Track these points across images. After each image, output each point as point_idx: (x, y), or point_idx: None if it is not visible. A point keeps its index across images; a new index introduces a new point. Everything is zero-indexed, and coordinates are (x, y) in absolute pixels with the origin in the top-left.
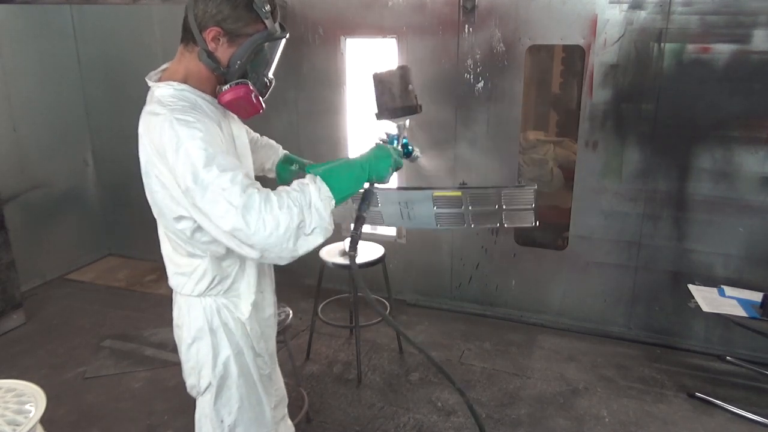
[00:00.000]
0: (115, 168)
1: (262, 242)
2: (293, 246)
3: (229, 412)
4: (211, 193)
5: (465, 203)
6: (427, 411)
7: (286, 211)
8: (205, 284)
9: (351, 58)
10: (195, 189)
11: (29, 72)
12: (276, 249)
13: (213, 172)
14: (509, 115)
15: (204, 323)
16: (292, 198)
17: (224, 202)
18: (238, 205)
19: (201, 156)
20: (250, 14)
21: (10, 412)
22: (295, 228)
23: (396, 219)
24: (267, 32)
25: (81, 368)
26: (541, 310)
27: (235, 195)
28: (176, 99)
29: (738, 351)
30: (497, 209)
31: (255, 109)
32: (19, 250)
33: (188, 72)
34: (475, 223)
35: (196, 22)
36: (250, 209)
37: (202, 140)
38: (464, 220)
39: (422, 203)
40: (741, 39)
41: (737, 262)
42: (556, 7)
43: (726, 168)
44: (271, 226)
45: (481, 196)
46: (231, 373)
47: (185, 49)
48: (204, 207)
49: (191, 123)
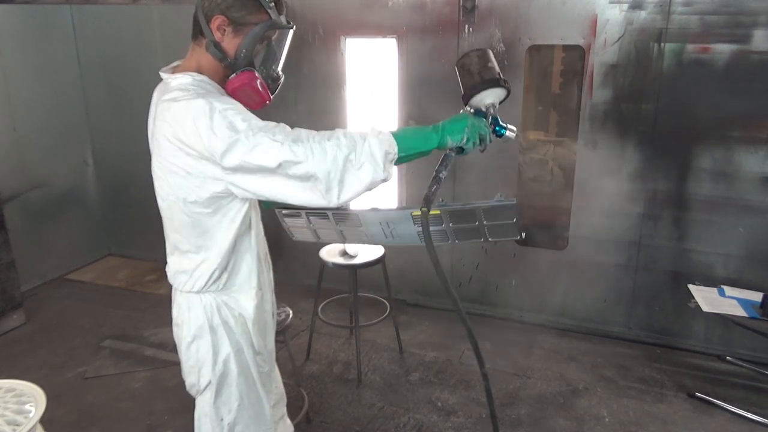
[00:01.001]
0: (115, 168)
1: (311, 169)
2: (341, 177)
3: (229, 410)
4: (253, 137)
5: (445, 221)
6: (427, 411)
7: (335, 141)
8: (205, 279)
9: (351, 58)
10: (238, 139)
11: (29, 72)
12: (324, 180)
13: (252, 122)
14: (509, 115)
15: (204, 321)
16: (346, 133)
17: (268, 140)
18: (284, 141)
19: (236, 115)
20: (254, 3)
21: (10, 412)
22: (344, 158)
23: (380, 238)
24: (271, 22)
25: (81, 368)
26: (541, 310)
27: (278, 132)
28: (197, 87)
29: (738, 351)
30: (478, 225)
31: (261, 97)
32: (19, 250)
33: (199, 66)
34: (459, 238)
35: (203, 12)
36: (297, 141)
37: (233, 105)
38: (447, 236)
39: (403, 223)
40: (741, 39)
41: (737, 262)
42: (556, 7)
43: (726, 168)
44: (319, 155)
45: (461, 213)
46: (231, 371)
47: (195, 43)
48: (248, 153)
49: (221, 98)
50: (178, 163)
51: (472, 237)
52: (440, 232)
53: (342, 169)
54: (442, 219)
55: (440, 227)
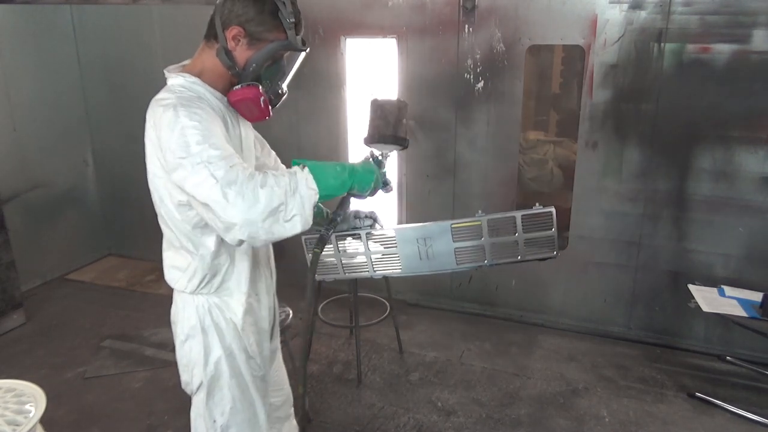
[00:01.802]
0: (115, 168)
1: (238, 217)
2: (269, 227)
3: (222, 413)
4: (197, 164)
5: (485, 233)
6: (427, 411)
7: (268, 190)
8: (197, 281)
9: (351, 58)
10: (183, 163)
11: (29, 72)
12: (250, 227)
13: (205, 147)
14: (509, 115)
15: (196, 321)
16: (278, 180)
17: (206, 173)
18: (219, 178)
19: (196, 134)
20: (274, 21)
21: (10, 412)
22: (274, 209)
23: (413, 261)
24: (287, 42)
25: (81, 368)
26: (541, 310)
27: (219, 168)
28: (185, 89)
29: (738, 351)
30: (517, 238)
31: (261, 113)
32: (19, 250)
33: (204, 67)
34: (494, 257)
35: (221, 19)
36: (232, 183)
37: (200, 123)
38: (484, 255)
39: (441, 238)
40: (741, 39)
41: (737, 262)
42: (556, 7)
43: (726, 168)
44: (250, 201)
45: (499, 222)
46: (222, 373)
47: (206, 45)
48: (188, 177)
49: (193, 109)
50: (154, 164)
51: (506, 256)
52: (476, 249)
53: (272, 219)
54: (481, 231)
55: (478, 242)
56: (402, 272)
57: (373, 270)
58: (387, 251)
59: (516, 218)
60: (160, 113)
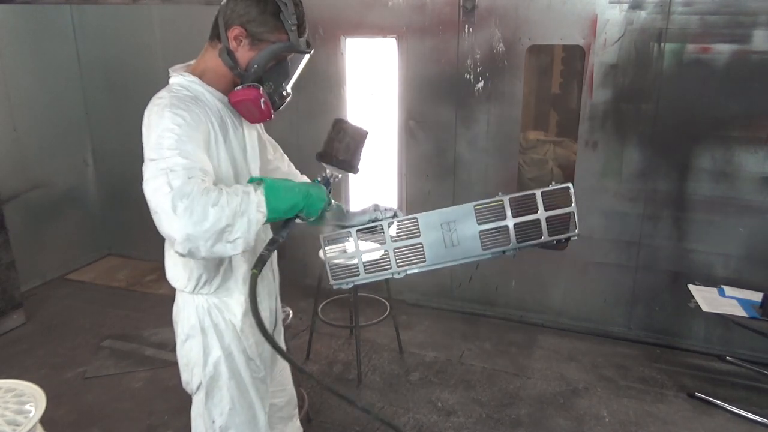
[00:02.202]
0: (115, 168)
1: (181, 231)
2: (210, 246)
3: (220, 414)
4: (159, 168)
5: (507, 212)
6: (427, 411)
7: (218, 210)
8: (195, 281)
9: (351, 58)
10: (150, 165)
11: (29, 72)
12: (192, 243)
13: (173, 153)
14: (509, 115)
15: (196, 321)
16: (230, 200)
17: (163, 180)
18: (174, 187)
19: (172, 139)
20: (276, 22)
21: (10, 412)
22: (220, 230)
23: (438, 249)
24: (289, 44)
25: (81, 368)
26: (541, 310)
27: (177, 178)
28: (182, 88)
29: (738, 351)
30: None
31: (262, 114)
32: (19, 250)
33: (206, 67)
34: (519, 239)
35: (224, 20)
36: (184, 196)
37: (180, 128)
38: (509, 236)
39: (465, 221)
40: (741, 39)
41: (737, 262)
42: (556, 7)
43: (726, 168)
44: (198, 218)
45: (520, 201)
46: (221, 374)
47: (210, 45)
48: (148, 181)
49: (180, 110)
50: None
51: (532, 237)
52: (501, 231)
53: (215, 238)
54: (504, 210)
55: (502, 222)
56: (427, 264)
57: (397, 266)
58: (410, 242)
59: (536, 195)
60: (151, 111)
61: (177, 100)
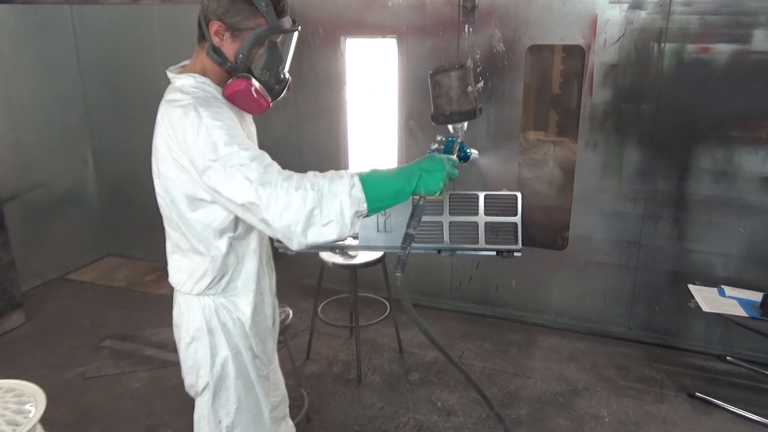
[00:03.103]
0: (115, 168)
1: (273, 220)
2: (301, 231)
3: (227, 413)
4: (230, 167)
5: (445, 207)
6: (427, 411)
7: (301, 193)
8: (205, 283)
9: (351, 58)
10: (215, 165)
11: (29, 72)
12: (284, 231)
13: (234, 148)
14: (509, 115)
15: (202, 323)
16: (314, 182)
17: (240, 176)
18: (254, 179)
19: (223, 135)
20: (249, 8)
21: (10, 412)
22: (307, 212)
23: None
24: (268, 27)
25: (81, 368)
26: (541, 310)
27: (252, 170)
28: (197, 89)
29: (738, 351)
30: (477, 219)
31: (257, 103)
32: (19, 250)
33: (204, 67)
34: (453, 239)
35: (204, 17)
36: (266, 184)
37: (224, 123)
38: (442, 235)
39: (402, 210)
40: (741, 39)
41: (737, 262)
42: (556, 7)
43: (726, 168)
44: (283, 204)
45: (463, 198)
46: (229, 373)
47: (199, 47)
48: (221, 181)
49: (214, 109)
50: (169, 165)
51: (466, 241)
52: (435, 227)
53: (305, 222)
54: (443, 206)
55: (437, 218)
56: (358, 243)
57: None
58: None
59: (479, 197)
60: (179, 115)
61: (201, 100)
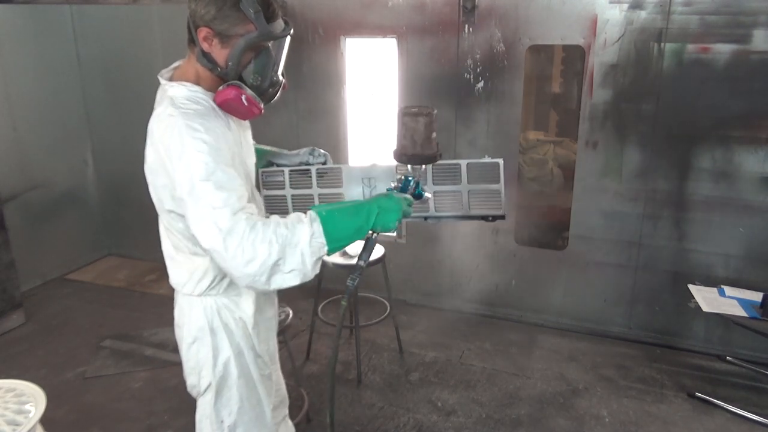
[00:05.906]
0: (115, 168)
1: (237, 269)
2: (266, 280)
3: (230, 413)
4: (201, 208)
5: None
6: (427, 411)
7: (267, 246)
8: (206, 283)
9: (351, 58)
10: (188, 201)
11: (29, 72)
12: (248, 279)
13: (208, 187)
14: (509, 115)
15: (204, 323)
16: (278, 233)
17: (210, 222)
18: (222, 228)
19: (201, 169)
20: (237, 14)
21: (10, 412)
22: (272, 264)
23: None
24: (258, 33)
25: (81, 368)
26: (541, 310)
27: (222, 217)
28: (189, 101)
29: (738, 351)
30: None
31: (248, 110)
32: (19, 250)
33: (197, 72)
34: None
35: (193, 22)
36: (233, 234)
37: (206, 153)
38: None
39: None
40: (741, 39)
41: (737, 262)
42: (556, 7)
43: (726, 168)
44: (249, 256)
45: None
46: (231, 373)
47: (190, 50)
48: (193, 219)
49: (199, 132)
50: (159, 175)
51: (453, 209)
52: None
53: (269, 272)
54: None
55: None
56: None
57: None
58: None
59: (461, 165)
60: (168, 133)
61: (190, 118)
